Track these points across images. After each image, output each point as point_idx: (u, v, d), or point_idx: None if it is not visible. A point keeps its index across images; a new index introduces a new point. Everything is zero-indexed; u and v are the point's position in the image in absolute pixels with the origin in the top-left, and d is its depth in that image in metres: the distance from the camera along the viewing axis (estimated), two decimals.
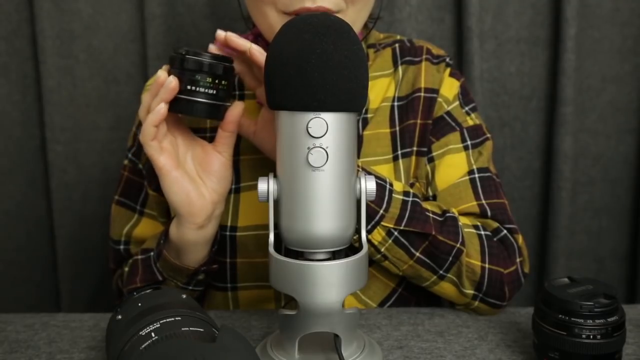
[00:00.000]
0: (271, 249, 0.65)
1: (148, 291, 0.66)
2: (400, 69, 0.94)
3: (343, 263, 0.62)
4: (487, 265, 0.82)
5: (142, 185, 0.94)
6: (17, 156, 1.38)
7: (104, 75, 1.33)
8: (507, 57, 1.32)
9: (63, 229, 1.37)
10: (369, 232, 0.78)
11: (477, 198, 0.87)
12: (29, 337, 0.76)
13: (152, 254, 0.85)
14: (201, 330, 0.56)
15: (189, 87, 0.72)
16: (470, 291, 0.82)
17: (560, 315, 0.62)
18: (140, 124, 0.95)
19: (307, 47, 0.59)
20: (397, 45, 0.96)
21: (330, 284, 0.62)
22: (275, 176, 0.65)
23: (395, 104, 0.91)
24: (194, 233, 0.78)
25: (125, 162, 0.97)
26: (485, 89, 1.32)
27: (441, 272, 0.81)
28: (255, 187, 0.81)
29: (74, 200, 1.37)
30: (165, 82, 0.71)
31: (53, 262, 1.41)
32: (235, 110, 0.77)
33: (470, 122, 0.92)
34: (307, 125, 0.60)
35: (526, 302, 1.39)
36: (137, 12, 1.31)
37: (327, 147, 0.61)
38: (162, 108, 0.71)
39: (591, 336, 0.61)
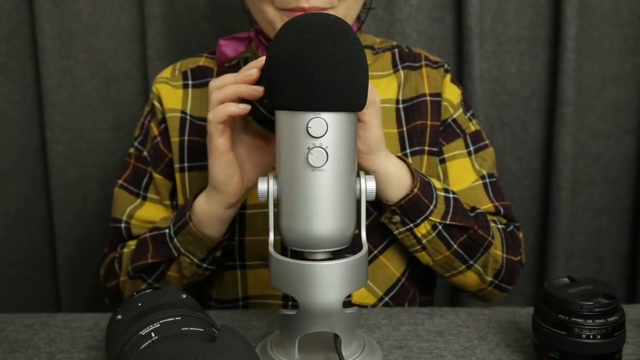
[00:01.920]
0: (271, 249, 0.65)
1: (148, 291, 0.66)
2: (401, 72, 0.97)
3: (343, 263, 0.62)
4: (505, 255, 0.91)
5: (145, 171, 0.97)
6: (17, 156, 1.38)
7: (104, 75, 1.34)
8: (507, 57, 1.32)
9: (63, 229, 1.37)
10: (416, 225, 0.83)
11: (491, 200, 0.95)
12: (29, 337, 0.76)
13: (167, 230, 0.86)
14: (201, 330, 0.56)
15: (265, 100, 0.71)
16: (490, 278, 0.91)
17: (560, 315, 0.62)
18: (149, 114, 0.98)
19: (307, 47, 0.59)
20: (396, 50, 1.00)
21: (330, 284, 0.62)
22: (275, 176, 0.65)
23: (400, 106, 0.95)
24: (222, 210, 0.80)
25: (131, 150, 0.99)
26: (485, 89, 1.32)
27: (471, 262, 0.88)
28: None
29: (74, 200, 1.37)
30: (253, 90, 0.71)
31: (53, 262, 1.42)
32: None
33: (473, 128, 0.98)
34: (307, 125, 0.60)
35: (526, 302, 1.39)
36: (137, 12, 1.31)
37: (327, 147, 0.61)
38: (247, 108, 0.72)
39: (591, 336, 0.61)
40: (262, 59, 0.72)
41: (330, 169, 0.62)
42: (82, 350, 0.73)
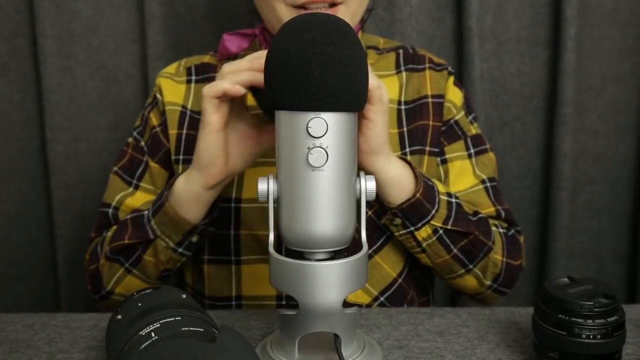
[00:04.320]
0: (271, 249, 0.65)
1: (148, 291, 0.66)
2: (404, 74, 0.98)
3: (343, 263, 0.62)
4: (505, 259, 0.91)
5: (141, 161, 0.97)
6: (17, 156, 1.38)
7: (104, 75, 1.34)
8: (507, 57, 1.32)
9: (63, 229, 1.37)
10: (417, 229, 0.83)
11: (493, 204, 0.95)
12: (29, 337, 0.76)
13: (146, 212, 0.86)
14: (201, 330, 0.56)
15: None
16: (488, 282, 0.91)
17: (560, 315, 0.62)
18: (150, 105, 0.99)
19: (307, 47, 0.59)
20: (400, 50, 1.00)
21: (330, 284, 0.62)
22: (275, 176, 0.65)
23: (402, 107, 0.95)
24: (201, 191, 0.79)
25: (130, 139, 1.00)
26: (485, 89, 1.32)
27: (470, 266, 0.88)
28: (259, 164, 0.86)
29: (74, 200, 1.37)
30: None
31: (53, 262, 1.42)
32: None
33: (474, 131, 0.99)
34: (307, 125, 0.60)
35: (526, 302, 1.39)
36: (137, 12, 1.31)
37: (327, 147, 0.61)
38: (242, 91, 0.73)
39: (591, 336, 0.61)
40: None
41: (330, 169, 0.62)
42: (82, 350, 0.73)
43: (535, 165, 1.37)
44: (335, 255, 0.65)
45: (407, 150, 0.93)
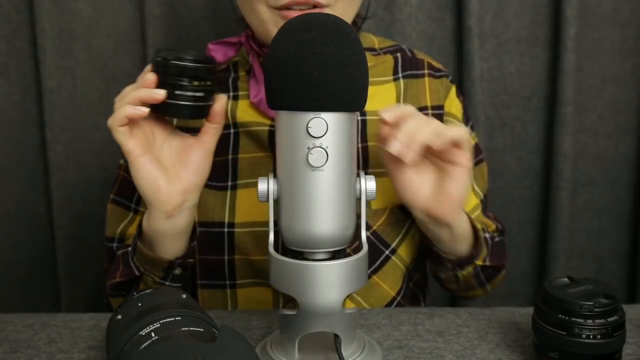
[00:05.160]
0: (271, 249, 0.65)
1: (148, 291, 0.66)
2: (401, 82, 0.94)
3: (343, 263, 0.62)
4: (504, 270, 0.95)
5: None
6: (17, 156, 1.38)
7: (104, 75, 1.34)
8: (507, 57, 1.32)
9: (63, 229, 1.37)
10: (461, 269, 0.85)
11: (491, 220, 0.98)
12: (29, 337, 0.76)
13: (129, 249, 0.85)
14: (201, 330, 0.56)
15: (175, 92, 0.73)
16: (488, 288, 0.93)
17: (560, 315, 0.62)
18: None
19: (307, 47, 0.59)
20: (399, 54, 0.97)
21: (330, 284, 0.62)
22: (275, 176, 0.65)
23: None
24: (163, 222, 0.77)
25: (121, 161, 0.98)
26: (485, 89, 1.32)
27: (487, 285, 0.92)
28: (252, 184, 0.85)
29: (74, 200, 1.37)
30: (154, 93, 0.72)
31: (53, 262, 1.42)
32: (220, 103, 0.77)
33: (472, 142, 0.96)
34: (307, 125, 0.60)
35: (526, 302, 1.39)
36: (137, 12, 1.31)
37: (327, 147, 0.61)
38: (144, 110, 0.73)
39: (591, 336, 0.61)
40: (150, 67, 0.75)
41: (330, 169, 0.62)
42: (82, 350, 0.73)
43: (535, 165, 1.37)
44: (335, 255, 0.65)
45: None
